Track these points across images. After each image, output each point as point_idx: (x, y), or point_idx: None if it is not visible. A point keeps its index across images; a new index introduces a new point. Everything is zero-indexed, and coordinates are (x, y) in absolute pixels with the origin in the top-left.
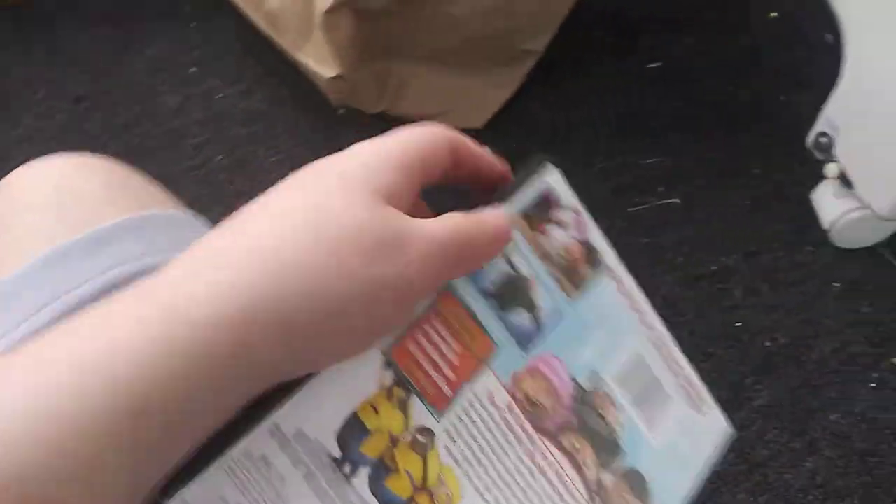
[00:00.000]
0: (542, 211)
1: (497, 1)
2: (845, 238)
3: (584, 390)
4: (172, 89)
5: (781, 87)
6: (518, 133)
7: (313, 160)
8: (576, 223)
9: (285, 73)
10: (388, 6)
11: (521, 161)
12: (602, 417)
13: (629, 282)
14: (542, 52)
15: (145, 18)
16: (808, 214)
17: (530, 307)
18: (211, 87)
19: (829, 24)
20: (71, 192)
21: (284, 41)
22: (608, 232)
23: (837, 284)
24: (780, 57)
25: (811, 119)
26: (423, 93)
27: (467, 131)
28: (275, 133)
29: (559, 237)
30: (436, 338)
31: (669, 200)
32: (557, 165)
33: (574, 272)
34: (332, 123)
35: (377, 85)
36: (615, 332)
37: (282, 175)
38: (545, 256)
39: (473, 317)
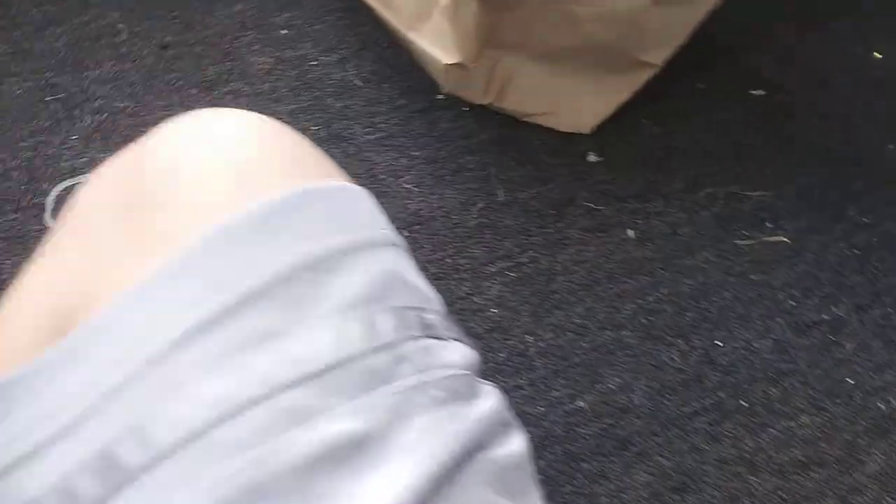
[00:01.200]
0: None
1: (624, 8)
2: None
3: None
4: (262, 50)
5: (888, 135)
6: (623, 144)
7: (411, 143)
8: None
9: (382, 47)
10: None
11: None
12: None
13: None
14: (660, 66)
15: None
16: None
17: None
18: (303, 54)
19: None
20: (243, 158)
21: (397, 19)
22: (717, 264)
23: None
24: (888, 100)
25: None
26: (531, 90)
27: (573, 136)
28: (371, 110)
29: None
30: None
31: (778, 238)
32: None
33: None
34: (430, 107)
35: (486, 76)
36: None
37: (380, 154)
38: None
39: None
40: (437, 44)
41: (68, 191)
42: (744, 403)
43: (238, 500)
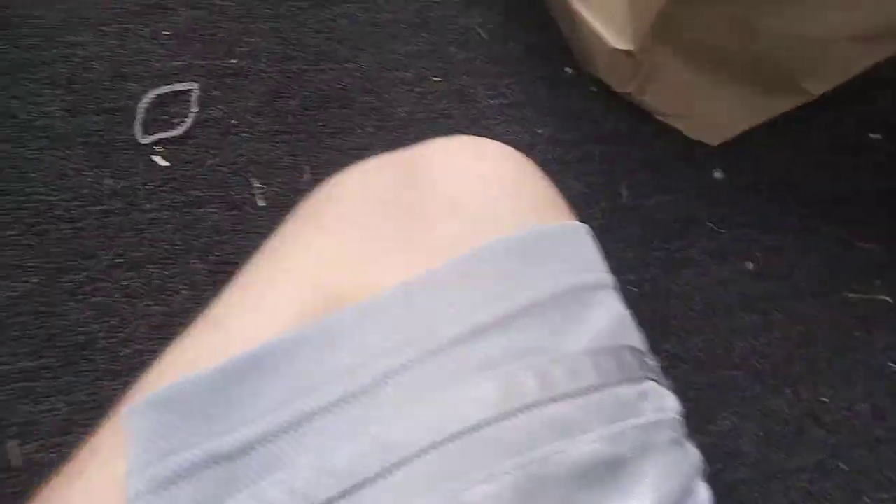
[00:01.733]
0: None
1: (817, 35)
2: None
3: None
4: None
5: None
6: (747, 165)
7: (536, 117)
8: None
9: (511, 1)
10: None
11: None
12: None
13: None
14: (815, 97)
15: None
16: None
17: None
18: None
19: None
20: (517, 188)
21: None
22: (825, 315)
23: None
24: None
25: None
26: (673, 88)
27: (698, 147)
28: (496, 71)
29: None
30: None
31: (880, 297)
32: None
33: None
34: (557, 81)
35: (634, 64)
36: None
37: (503, 125)
38: None
39: None
40: (608, 24)
41: (162, 99)
42: (843, 466)
43: (508, 499)
